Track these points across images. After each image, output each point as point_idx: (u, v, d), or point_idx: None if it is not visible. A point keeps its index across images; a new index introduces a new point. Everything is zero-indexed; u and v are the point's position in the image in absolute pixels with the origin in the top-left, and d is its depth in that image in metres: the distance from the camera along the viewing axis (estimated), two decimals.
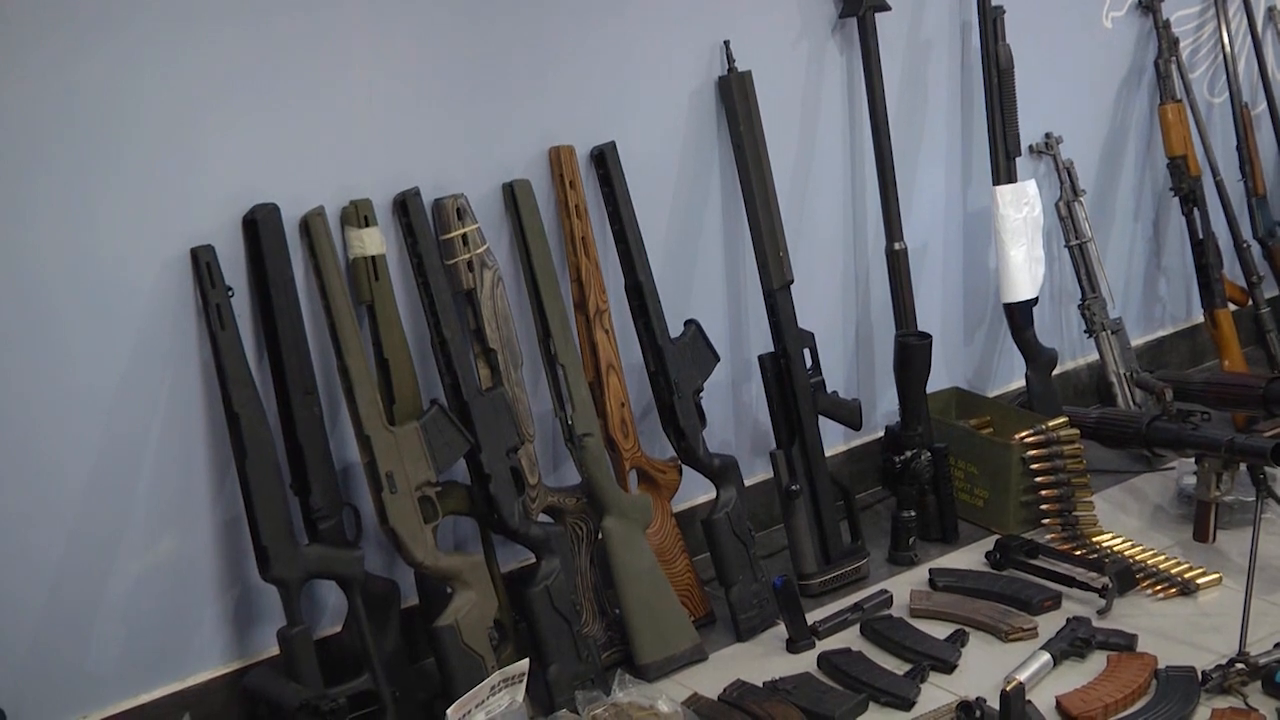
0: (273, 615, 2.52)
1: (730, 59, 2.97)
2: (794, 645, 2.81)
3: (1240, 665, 2.56)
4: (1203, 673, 2.58)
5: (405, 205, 2.63)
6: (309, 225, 2.53)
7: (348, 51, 2.57)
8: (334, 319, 2.52)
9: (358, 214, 2.58)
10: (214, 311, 2.42)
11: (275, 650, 2.51)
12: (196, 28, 2.40)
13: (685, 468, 2.93)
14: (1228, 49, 3.79)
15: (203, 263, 2.42)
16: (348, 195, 2.58)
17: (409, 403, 2.62)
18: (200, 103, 2.42)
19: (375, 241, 2.59)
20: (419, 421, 2.56)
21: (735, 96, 2.97)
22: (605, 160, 2.84)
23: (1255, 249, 3.80)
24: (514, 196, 2.75)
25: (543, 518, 2.74)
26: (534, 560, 2.68)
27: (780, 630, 2.85)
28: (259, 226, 2.47)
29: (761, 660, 2.79)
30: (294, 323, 2.50)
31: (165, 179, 2.41)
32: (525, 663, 2.57)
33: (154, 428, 2.47)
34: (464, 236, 2.66)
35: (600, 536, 2.78)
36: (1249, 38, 3.85)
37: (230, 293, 2.44)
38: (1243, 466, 2.91)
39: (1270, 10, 3.92)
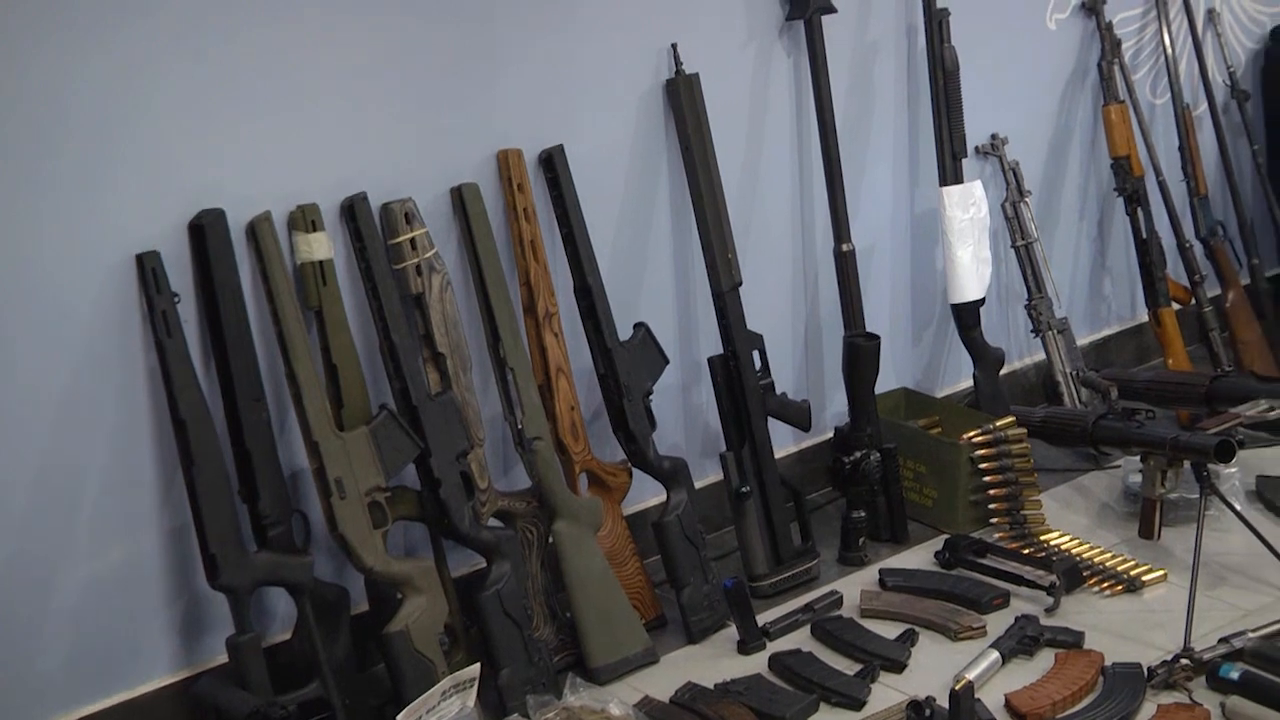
0: (221, 623, 2.50)
1: (678, 62, 2.98)
2: (745, 647, 2.82)
3: (1185, 661, 2.59)
4: (1148, 669, 2.61)
5: (353, 210, 2.62)
6: (256, 230, 2.51)
7: (294, 56, 2.56)
8: (281, 324, 2.51)
9: (305, 219, 2.57)
10: (160, 318, 2.40)
11: (224, 658, 2.49)
12: (140, 34, 2.38)
13: (635, 470, 2.93)
14: (1169, 51, 3.83)
15: (148, 269, 2.40)
16: (295, 200, 2.57)
17: (358, 408, 2.61)
18: (144, 108, 2.41)
19: (323, 246, 2.58)
20: (368, 427, 2.56)
21: (683, 99, 2.98)
22: (553, 163, 2.84)
23: (1198, 248, 3.83)
24: (462, 200, 2.74)
25: (493, 522, 2.74)
26: (485, 564, 2.68)
27: (731, 632, 2.86)
28: (205, 232, 2.45)
29: (713, 662, 2.80)
30: (241, 329, 2.49)
31: (109, 184, 2.39)
32: (476, 667, 2.56)
33: (100, 435, 2.45)
34: (412, 241, 2.65)
35: (551, 540, 2.77)
36: (1190, 40, 3.89)
37: (176, 299, 2.42)
38: (1187, 464, 2.94)
39: (1210, 13, 3.96)
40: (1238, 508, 3.02)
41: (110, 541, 2.49)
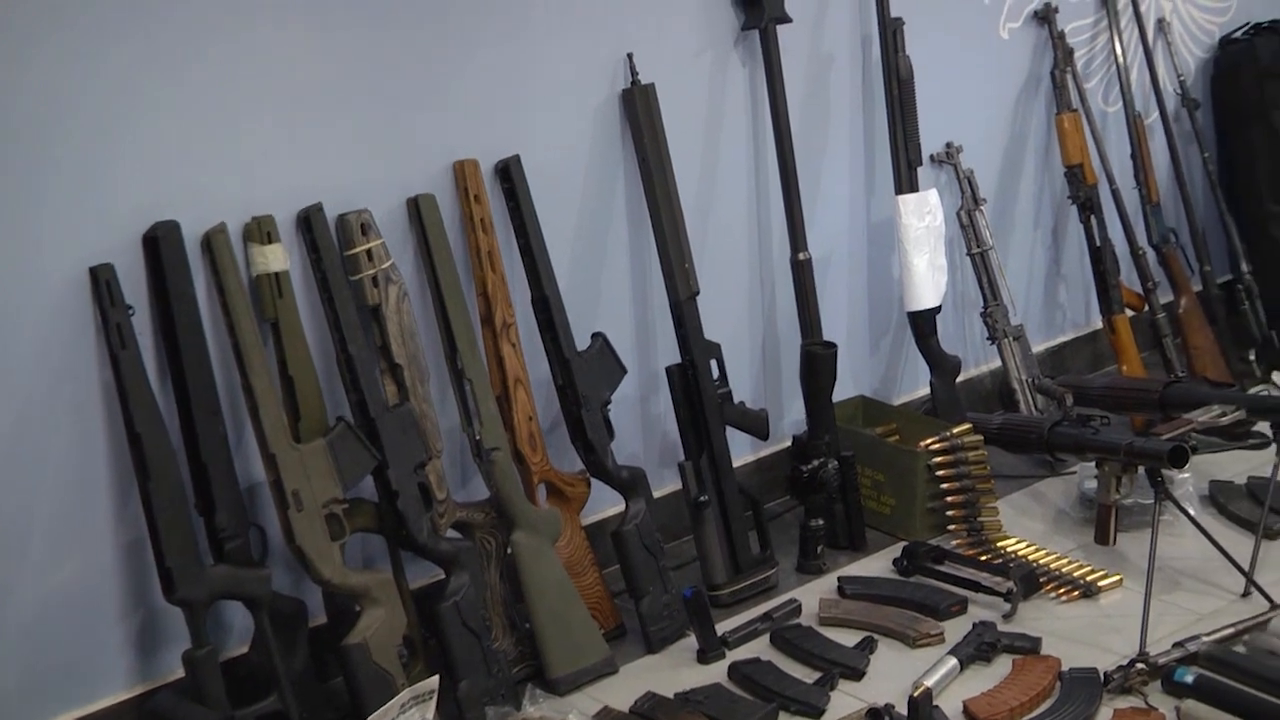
0: (178, 637, 2.49)
1: (634, 72, 2.98)
2: (704, 656, 2.82)
3: (1141, 665, 2.61)
4: (1105, 673, 2.62)
5: (309, 221, 2.61)
6: (211, 242, 2.50)
7: (249, 66, 2.55)
8: (237, 337, 2.50)
9: (260, 230, 2.56)
10: (114, 331, 2.39)
11: (181, 673, 2.47)
12: (94, 43, 2.37)
13: (594, 480, 2.93)
14: (1120, 60, 3.86)
15: (102, 281, 2.39)
16: (250, 211, 2.56)
17: (315, 420, 2.60)
18: (99, 119, 2.40)
19: (279, 258, 2.57)
20: (325, 438, 2.55)
21: (639, 109, 2.98)
22: (510, 174, 2.84)
23: (1151, 255, 3.86)
24: (419, 211, 2.74)
25: (451, 533, 2.73)
26: (443, 576, 2.67)
27: (691, 641, 2.86)
28: (160, 244, 2.44)
29: (672, 671, 2.80)
30: (197, 341, 2.48)
31: (63, 196, 2.38)
32: (435, 679, 2.56)
33: (54, 449, 2.43)
34: (369, 252, 2.65)
35: (510, 551, 2.77)
36: (1140, 49, 3.92)
37: (131, 311, 2.41)
38: (1141, 469, 2.96)
39: (1160, 22, 3.99)
40: (1191, 513, 3.05)
41: (65, 556, 2.47)
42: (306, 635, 2.63)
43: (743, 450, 3.29)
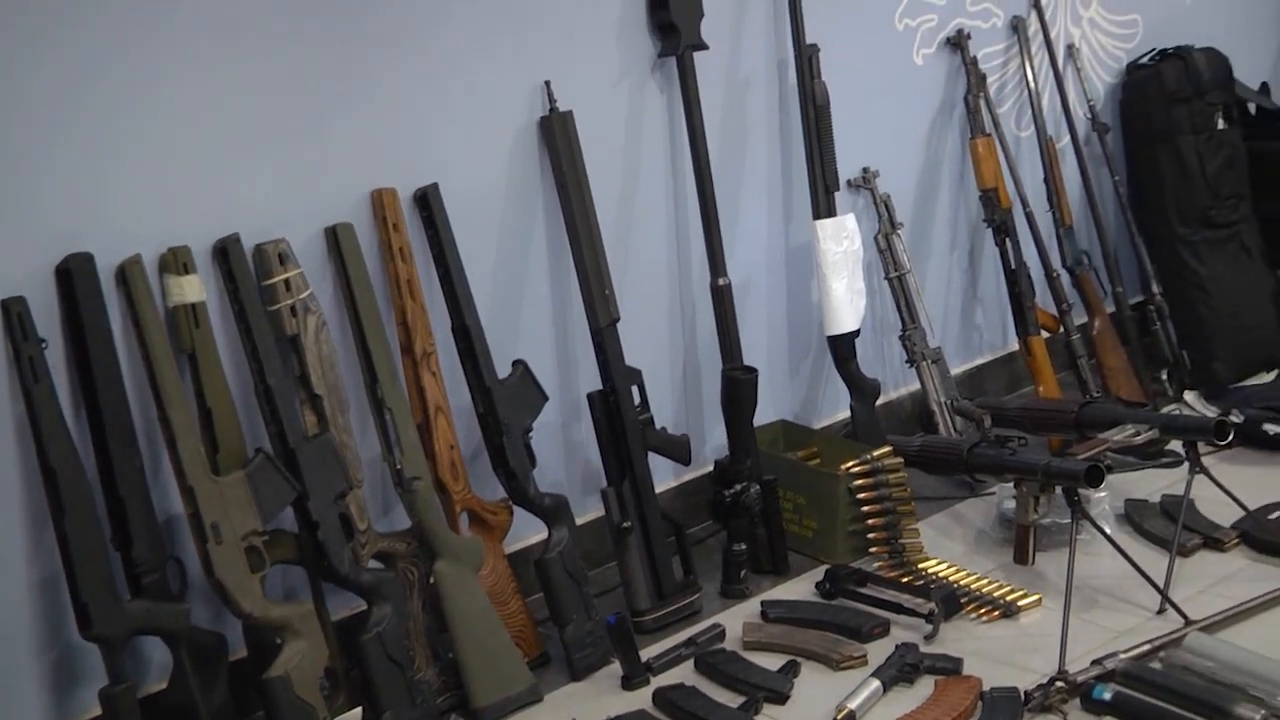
0: (95, 674, 2.45)
1: (551, 99, 2.99)
2: (629, 682, 2.82)
3: (1060, 683, 2.63)
4: (1025, 692, 2.64)
5: (225, 251, 2.59)
6: (126, 274, 2.48)
7: (164, 95, 2.53)
8: (154, 369, 2.47)
9: (176, 261, 2.54)
10: (27, 364, 2.35)
11: (99, 711, 2.43)
12: (2, 76, 2.34)
13: (516, 508, 2.92)
14: (1032, 85, 3.92)
15: (14, 314, 2.35)
16: (165, 242, 2.54)
17: (234, 451, 2.58)
18: (9, 150, 2.37)
19: (195, 289, 2.55)
20: (244, 470, 2.52)
21: (557, 136, 2.99)
22: (428, 202, 2.84)
23: (1065, 277, 3.91)
24: (337, 240, 2.73)
25: (373, 563, 2.71)
26: (365, 607, 2.65)
27: (615, 668, 2.85)
28: (73, 276, 2.41)
29: (597, 699, 2.79)
30: (112, 374, 2.45)
31: None
32: (358, 711, 2.54)
33: None
34: (286, 281, 2.63)
35: (432, 580, 2.75)
36: (1051, 74, 3.98)
37: (44, 344, 2.38)
38: (1059, 489, 3.00)
39: (1069, 48, 4.06)
40: (1108, 531, 3.08)
41: None
42: (226, 669, 2.60)
43: (665, 476, 3.29)
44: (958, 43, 3.78)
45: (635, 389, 3.05)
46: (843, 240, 3.43)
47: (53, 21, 2.40)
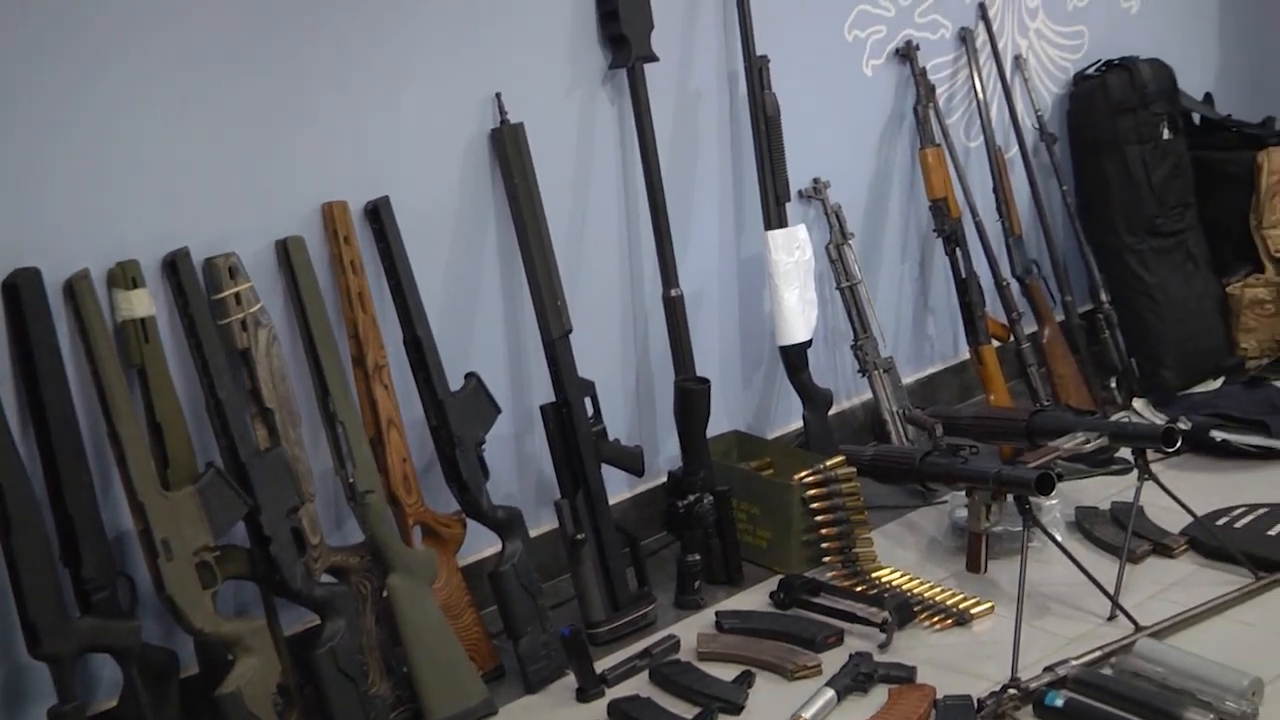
0: (44, 693, 2.42)
1: (502, 111, 2.99)
2: (584, 694, 2.81)
3: (1013, 691, 2.64)
4: (978, 700, 2.66)
5: (175, 265, 2.58)
6: (73, 289, 2.46)
7: (110, 109, 2.52)
8: (103, 384, 2.46)
9: (125, 275, 2.52)
10: None
11: None
12: None
13: (470, 521, 2.92)
14: (980, 96, 3.95)
15: None
16: (114, 257, 2.52)
17: (184, 466, 2.56)
18: None
19: (144, 303, 2.53)
20: (195, 486, 2.51)
21: (508, 148, 2.99)
22: (379, 215, 2.83)
23: (1014, 286, 3.93)
24: (287, 253, 2.72)
25: (326, 578, 2.70)
26: (318, 621, 2.64)
27: (570, 680, 2.85)
28: (19, 291, 2.39)
29: (552, 711, 2.79)
30: (60, 389, 2.43)
31: None
32: None
33: None
34: (237, 295, 2.62)
35: (386, 594, 2.74)
36: (999, 85, 4.01)
37: None
38: (1010, 497, 3.01)
39: (1017, 59, 4.09)
40: (1058, 538, 3.10)
41: None
42: (178, 686, 2.59)
43: (619, 487, 3.29)
44: (906, 54, 3.80)
45: (588, 400, 3.05)
46: (794, 251, 3.44)
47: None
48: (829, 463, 3.26)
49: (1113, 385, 4.01)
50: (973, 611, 3.01)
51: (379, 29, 2.84)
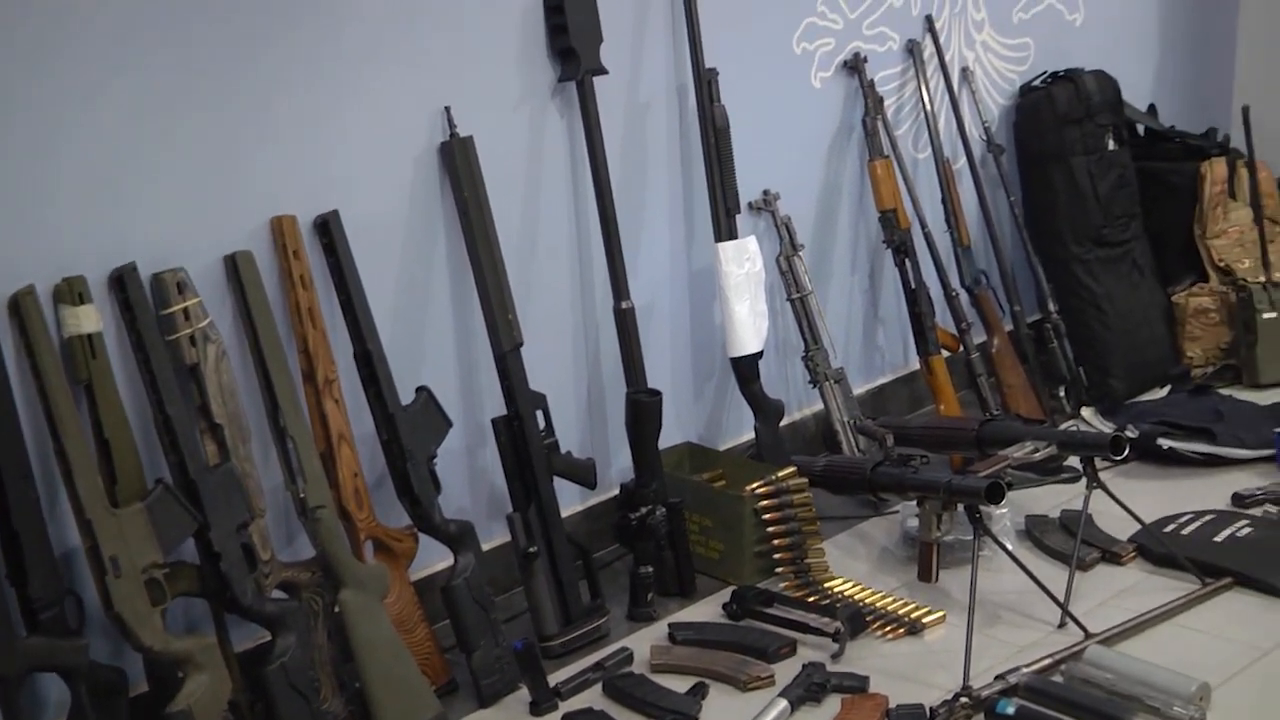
0: None
1: (452, 124, 2.99)
2: (537, 708, 2.81)
3: (965, 699, 2.66)
4: (930, 709, 2.67)
5: (122, 281, 2.56)
6: (19, 304, 2.44)
7: (54, 122, 2.50)
8: (49, 400, 2.43)
9: (71, 291, 2.50)
10: None
11: None
12: None
13: (422, 535, 2.91)
14: (928, 107, 3.97)
15: None
16: (60, 272, 2.50)
17: (133, 483, 2.54)
18: None
19: (91, 319, 2.51)
20: (144, 502, 2.49)
21: (458, 162, 2.98)
22: (329, 229, 2.82)
23: (963, 297, 3.96)
24: (236, 268, 2.70)
25: (277, 593, 2.69)
26: (269, 638, 2.63)
27: (523, 694, 2.85)
28: None
29: None
30: (5, 406, 2.40)
31: None
32: None
33: None
34: (185, 311, 2.60)
35: (337, 609, 2.73)
36: (947, 96, 4.04)
37: None
38: (961, 506, 3.03)
39: (964, 71, 4.11)
40: (1009, 547, 3.13)
41: None
42: (127, 705, 2.56)
43: (571, 500, 3.29)
44: (855, 66, 3.82)
45: (540, 413, 3.05)
46: (744, 263, 3.45)
47: None
48: (781, 474, 3.26)
49: (1061, 394, 4.04)
50: (924, 621, 3.03)
51: (326, 43, 2.83)
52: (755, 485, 3.24)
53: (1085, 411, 3.99)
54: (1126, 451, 3.16)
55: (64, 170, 2.51)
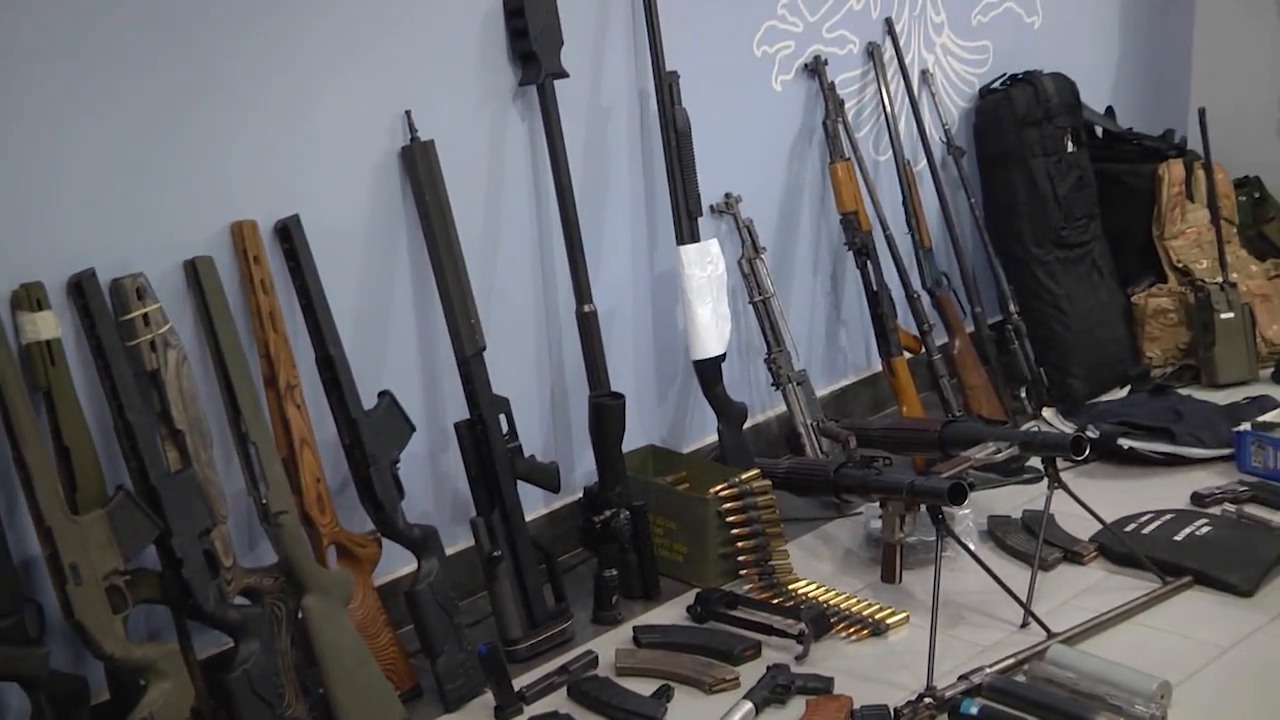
0: None
1: (412, 129, 2.98)
2: (502, 712, 2.80)
3: (929, 699, 2.67)
4: (894, 709, 2.68)
5: (81, 287, 2.54)
6: None
7: (12, 128, 2.48)
8: (7, 407, 2.41)
9: (29, 297, 2.48)
10: None
11: None
12: None
13: (385, 540, 2.90)
14: (888, 110, 3.99)
15: None
16: (18, 278, 2.48)
17: (93, 490, 2.53)
18: None
19: (50, 325, 2.49)
20: (104, 509, 2.47)
21: (419, 166, 2.98)
22: (290, 233, 2.81)
23: (925, 298, 3.98)
24: (196, 273, 2.69)
25: (240, 600, 2.67)
26: (232, 644, 2.61)
27: (488, 698, 2.84)
28: None
29: None
30: None
31: None
32: None
33: None
34: (145, 316, 2.59)
35: (301, 615, 2.72)
36: (907, 99, 4.06)
37: None
38: (923, 507, 3.04)
39: (924, 73, 4.13)
40: (972, 548, 3.14)
41: None
42: (89, 713, 2.54)
43: (534, 504, 3.29)
44: (815, 69, 3.83)
45: (503, 417, 3.04)
46: (706, 265, 3.46)
47: None
48: (744, 476, 3.27)
49: (1023, 395, 4.07)
50: (888, 621, 3.04)
51: (285, 47, 2.82)
52: (719, 488, 3.25)
53: (1046, 412, 4.01)
54: (1087, 452, 3.19)
55: (20, 177, 2.49)
